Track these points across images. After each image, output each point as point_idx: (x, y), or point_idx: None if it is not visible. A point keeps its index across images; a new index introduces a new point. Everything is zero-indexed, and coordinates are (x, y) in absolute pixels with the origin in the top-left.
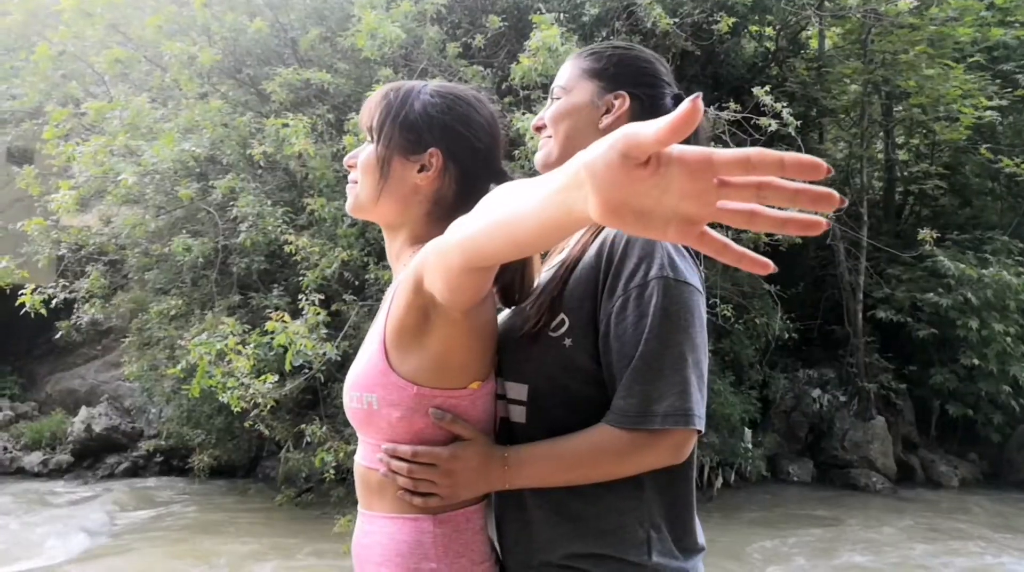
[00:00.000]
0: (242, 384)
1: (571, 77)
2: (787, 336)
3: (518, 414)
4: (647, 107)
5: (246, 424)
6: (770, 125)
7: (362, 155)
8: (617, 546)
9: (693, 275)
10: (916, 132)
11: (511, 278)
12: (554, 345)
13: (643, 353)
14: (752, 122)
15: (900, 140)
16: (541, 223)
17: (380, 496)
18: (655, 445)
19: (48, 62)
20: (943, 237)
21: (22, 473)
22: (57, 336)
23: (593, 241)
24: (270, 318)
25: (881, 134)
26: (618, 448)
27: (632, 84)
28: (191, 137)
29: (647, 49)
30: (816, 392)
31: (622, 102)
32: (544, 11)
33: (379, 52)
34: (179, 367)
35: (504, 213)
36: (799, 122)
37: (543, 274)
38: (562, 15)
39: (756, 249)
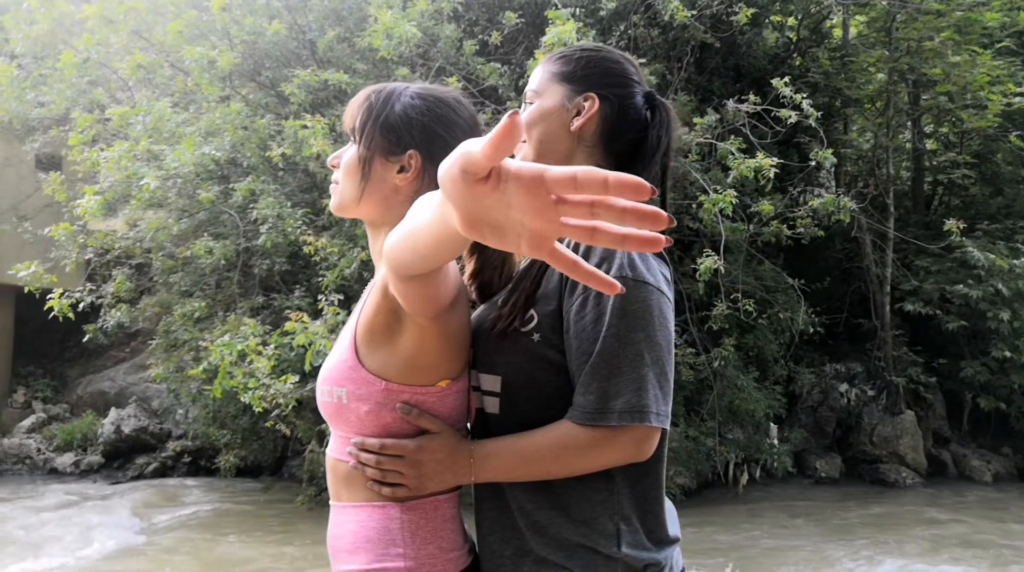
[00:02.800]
0: (263, 384)
1: (541, 82)
2: (812, 330)
3: (492, 405)
4: (617, 107)
5: (267, 424)
6: (790, 117)
7: (345, 156)
8: (588, 536)
9: (654, 276)
10: (945, 120)
11: (489, 276)
12: (524, 339)
13: (600, 350)
14: (772, 114)
15: (929, 129)
16: (434, 236)
17: (349, 487)
18: (615, 441)
19: (73, 69)
20: (973, 227)
21: (55, 473)
22: (85, 339)
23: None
24: (291, 319)
25: (908, 123)
26: (579, 444)
27: (601, 85)
28: (212, 140)
29: (615, 50)
30: (843, 387)
31: (592, 103)
32: (560, 6)
33: (395, 52)
34: (201, 368)
35: (410, 225)
36: (822, 113)
37: (520, 268)
38: (579, 10)
39: (777, 243)
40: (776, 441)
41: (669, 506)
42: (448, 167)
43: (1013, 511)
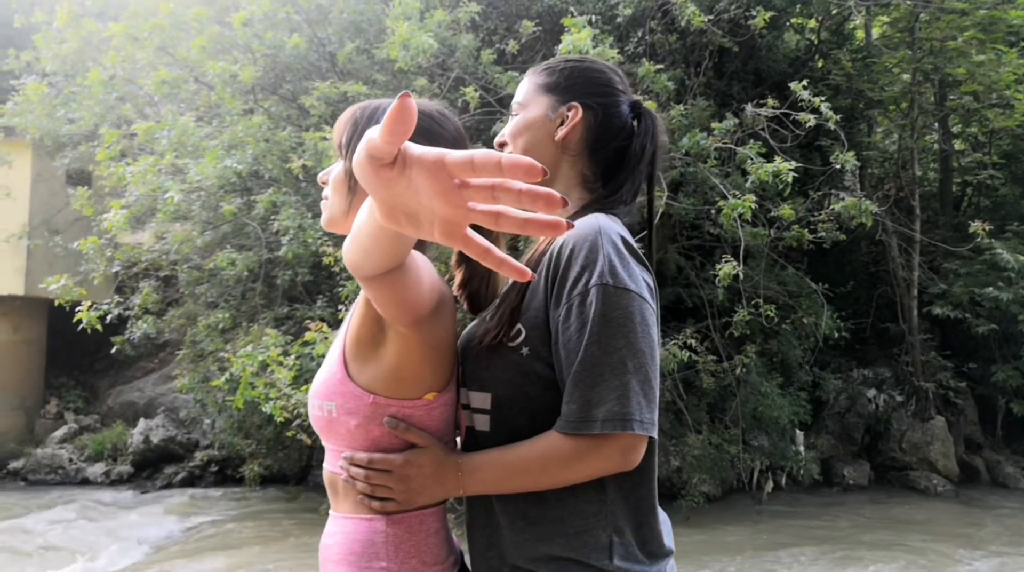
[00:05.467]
0: (284, 394)
1: (527, 93)
2: (838, 335)
3: (482, 423)
4: (601, 116)
5: (288, 433)
6: (808, 120)
7: (333, 172)
8: (580, 549)
9: (636, 282)
10: (972, 121)
11: (477, 286)
12: (513, 355)
13: (583, 359)
14: (791, 118)
15: (956, 129)
16: (371, 231)
17: (342, 498)
18: (600, 451)
19: (100, 86)
20: (1003, 228)
21: (86, 483)
22: (112, 351)
23: (547, 250)
24: (311, 329)
25: (935, 124)
26: (564, 454)
27: (584, 95)
28: (235, 153)
29: (600, 60)
30: (871, 392)
31: (575, 113)
32: (577, 14)
33: (413, 63)
34: (223, 379)
35: (356, 225)
36: (845, 115)
37: (509, 283)
38: (596, 17)
39: (801, 248)
40: (802, 448)
41: (663, 517)
42: (356, 155)
43: None
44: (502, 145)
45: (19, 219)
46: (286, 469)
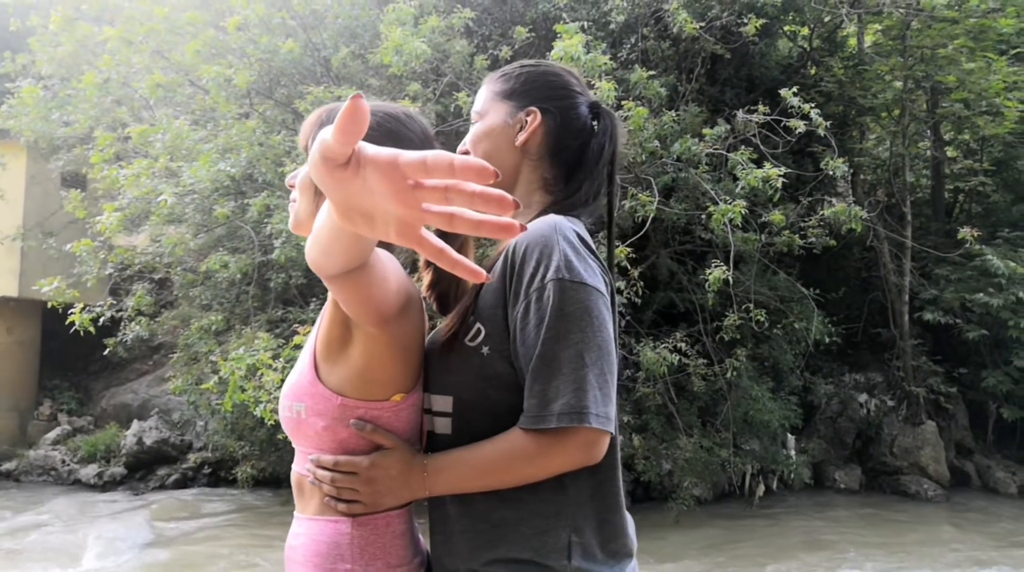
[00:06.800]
0: (274, 397)
1: (485, 101)
2: (829, 340)
3: (443, 426)
4: (559, 119)
5: (280, 436)
6: (799, 127)
7: (300, 174)
8: (539, 550)
9: (593, 277)
10: (964, 128)
11: (446, 288)
12: (474, 355)
13: (541, 354)
14: (782, 124)
15: (948, 136)
16: (329, 231)
17: (308, 499)
18: (561, 446)
19: (95, 89)
20: (994, 234)
21: (79, 485)
22: (105, 352)
23: (504, 250)
24: (299, 333)
25: (927, 131)
26: (527, 451)
27: (542, 99)
28: (229, 157)
29: (556, 63)
30: (863, 397)
31: (534, 118)
32: (569, 20)
33: (406, 67)
34: (212, 382)
35: (316, 225)
36: (836, 122)
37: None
38: (589, 24)
39: (790, 253)
40: (794, 452)
41: (628, 517)
42: (311, 156)
43: None
44: (465, 154)
45: (13, 221)
46: (279, 471)
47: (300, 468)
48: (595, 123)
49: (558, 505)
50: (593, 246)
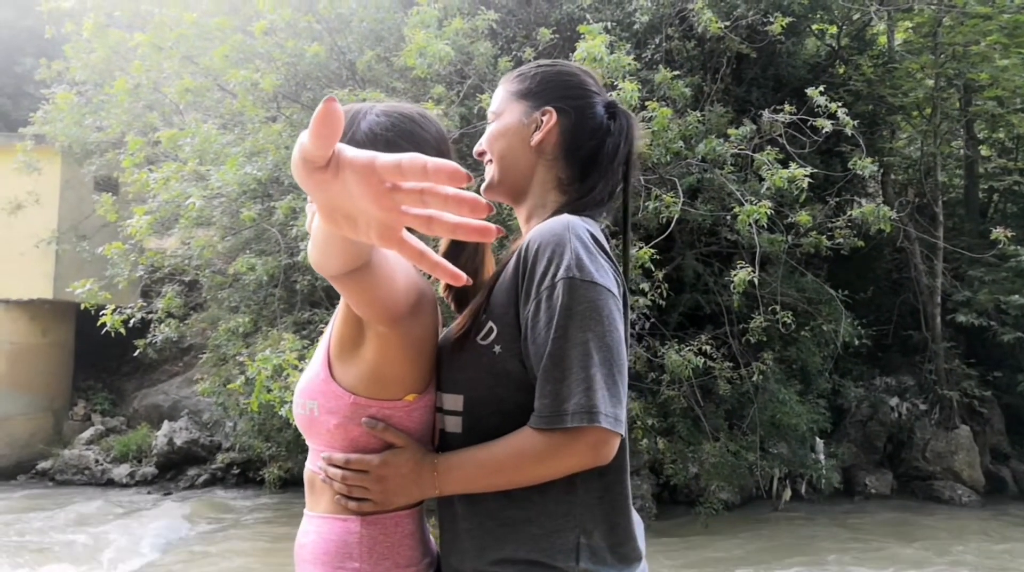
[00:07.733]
0: None
1: (501, 101)
2: (859, 342)
3: (454, 425)
4: (575, 119)
5: None
6: (825, 126)
7: None
8: (547, 551)
9: (604, 276)
10: (998, 126)
11: (463, 288)
12: (485, 353)
13: (551, 352)
14: (809, 123)
15: (983, 135)
16: (323, 232)
17: (320, 497)
18: (571, 446)
19: (126, 95)
20: None
21: (112, 484)
22: (135, 354)
23: (517, 249)
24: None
25: (960, 130)
26: (537, 450)
27: (557, 99)
28: (256, 160)
29: (572, 63)
30: (894, 400)
31: (549, 117)
32: (592, 21)
33: (430, 70)
34: (238, 382)
35: (313, 226)
36: (866, 121)
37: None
38: (613, 25)
39: (818, 254)
40: (823, 456)
41: (637, 520)
42: (292, 158)
43: None
44: (481, 154)
45: (48, 225)
46: None
47: (312, 465)
48: (611, 123)
49: (568, 506)
50: (607, 246)
